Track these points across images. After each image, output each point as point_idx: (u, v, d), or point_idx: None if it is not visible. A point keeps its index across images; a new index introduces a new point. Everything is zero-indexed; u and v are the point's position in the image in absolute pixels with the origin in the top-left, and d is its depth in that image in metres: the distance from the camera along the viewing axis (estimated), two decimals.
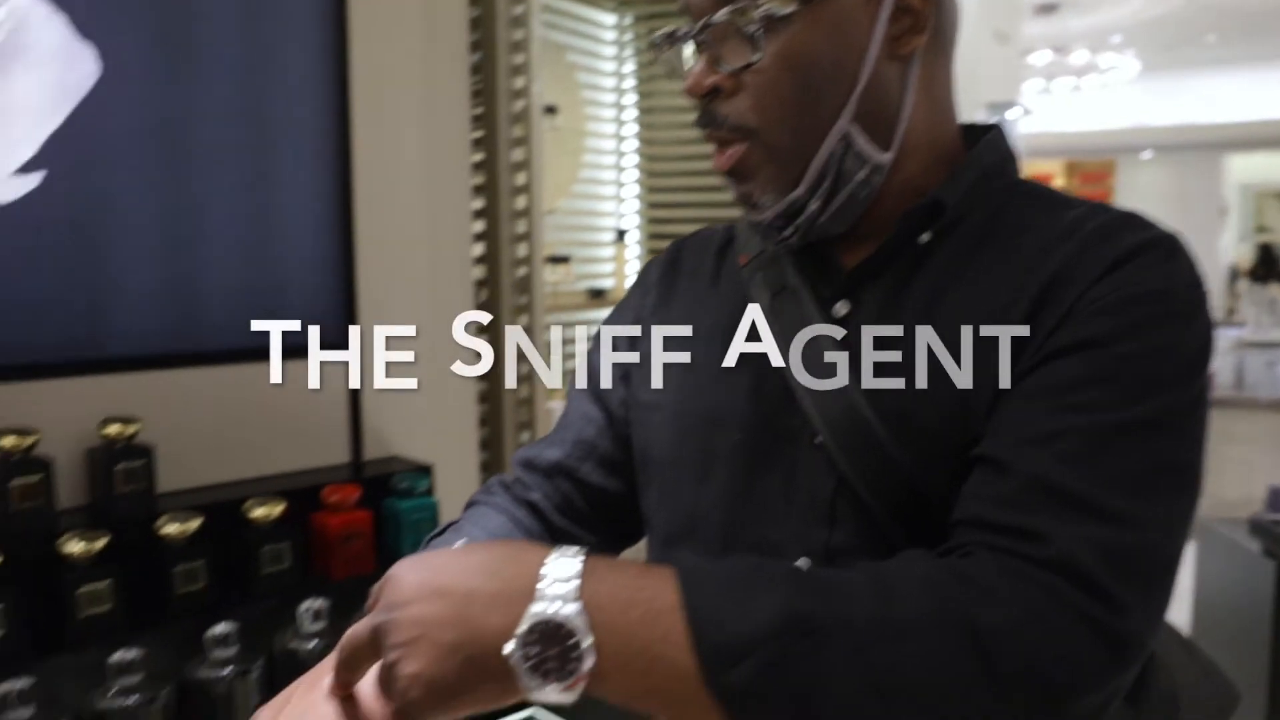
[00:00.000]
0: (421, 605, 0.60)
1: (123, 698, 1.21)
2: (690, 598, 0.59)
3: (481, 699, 0.60)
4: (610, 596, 0.59)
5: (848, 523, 0.76)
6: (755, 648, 0.57)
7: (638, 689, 0.59)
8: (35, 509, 1.32)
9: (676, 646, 0.58)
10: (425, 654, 0.59)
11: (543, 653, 0.58)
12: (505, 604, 0.59)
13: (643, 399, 0.92)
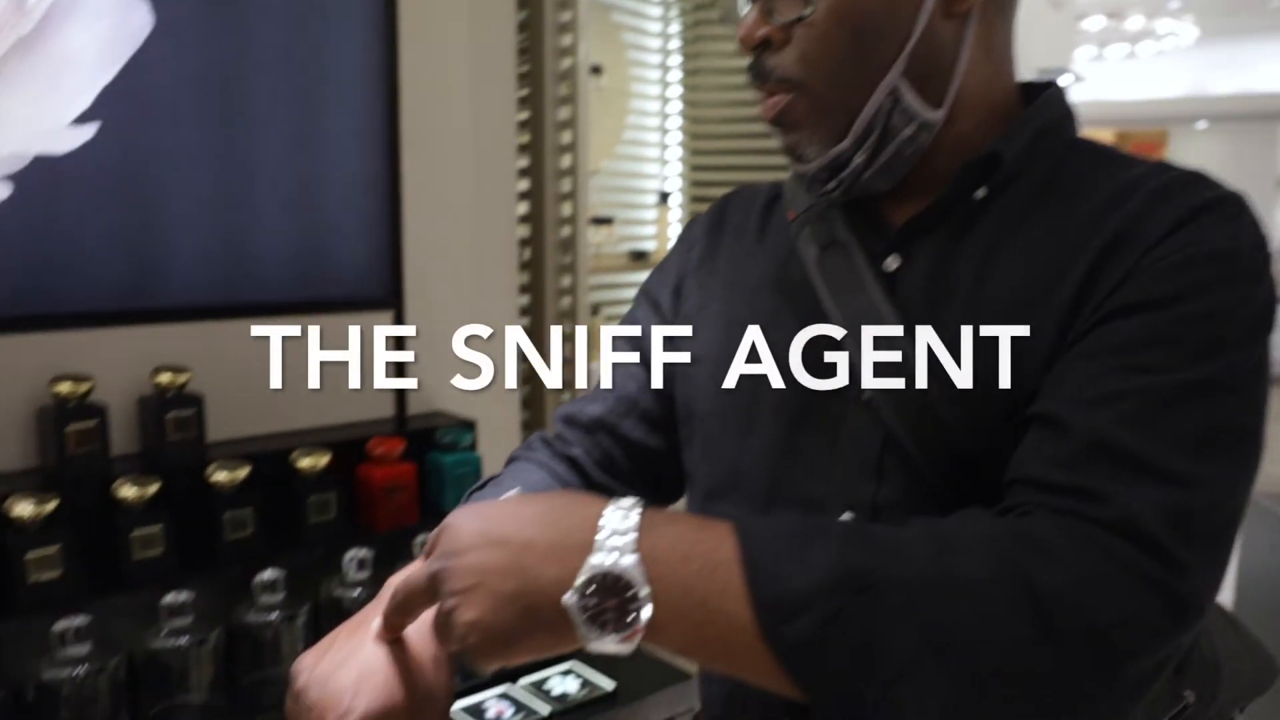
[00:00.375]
0: (479, 553, 0.61)
1: (174, 638, 1.24)
2: (748, 551, 0.59)
3: (537, 647, 0.61)
4: (668, 549, 0.60)
5: (894, 478, 0.76)
6: (813, 602, 0.57)
7: (694, 640, 0.60)
8: (90, 454, 1.35)
9: (734, 599, 0.58)
10: (482, 602, 0.60)
11: (601, 604, 0.59)
12: (563, 554, 0.60)
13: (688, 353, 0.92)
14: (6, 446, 1.38)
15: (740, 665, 0.60)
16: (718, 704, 0.91)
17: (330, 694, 0.67)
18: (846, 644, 0.57)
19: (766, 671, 0.59)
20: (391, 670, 0.68)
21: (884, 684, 0.57)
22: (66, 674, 1.15)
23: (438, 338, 1.82)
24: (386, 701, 0.66)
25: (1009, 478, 0.67)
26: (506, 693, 1.44)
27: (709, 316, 0.91)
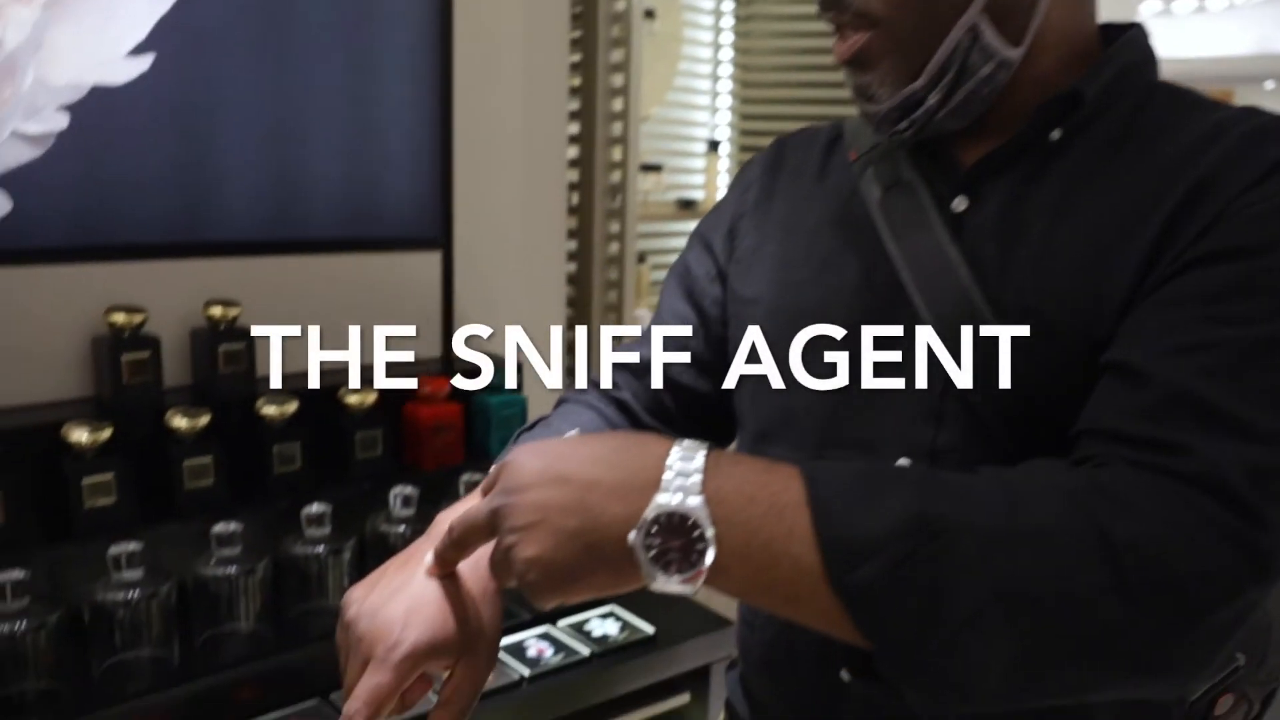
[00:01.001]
0: (542, 491, 0.61)
1: (223, 567, 1.26)
2: (816, 494, 0.58)
3: (597, 585, 0.61)
4: (734, 490, 0.59)
5: (954, 423, 0.74)
6: (881, 547, 0.56)
7: (758, 583, 0.59)
8: (143, 385, 1.37)
9: (800, 542, 0.58)
10: (545, 539, 0.60)
11: (665, 544, 0.58)
12: (627, 493, 0.60)
13: (742, 295, 0.91)
14: (63, 375, 1.40)
15: (802, 609, 0.59)
16: (756, 651, 0.91)
17: (380, 626, 0.67)
18: (914, 590, 0.56)
19: (829, 616, 0.58)
20: (442, 604, 0.68)
21: (951, 632, 0.56)
22: (121, 597, 1.18)
23: (485, 278, 1.83)
24: (436, 634, 0.67)
25: (1080, 428, 0.66)
26: (547, 633, 1.45)
27: (764, 258, 0.90)
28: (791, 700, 0.87)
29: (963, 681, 0.56)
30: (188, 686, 1.19)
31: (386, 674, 0.65)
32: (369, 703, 0.65)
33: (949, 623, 0.56)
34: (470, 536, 0.67)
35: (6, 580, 1.11)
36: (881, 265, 0.79)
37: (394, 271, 1.70)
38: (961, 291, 0.74)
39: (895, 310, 0.78)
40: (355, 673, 0.67)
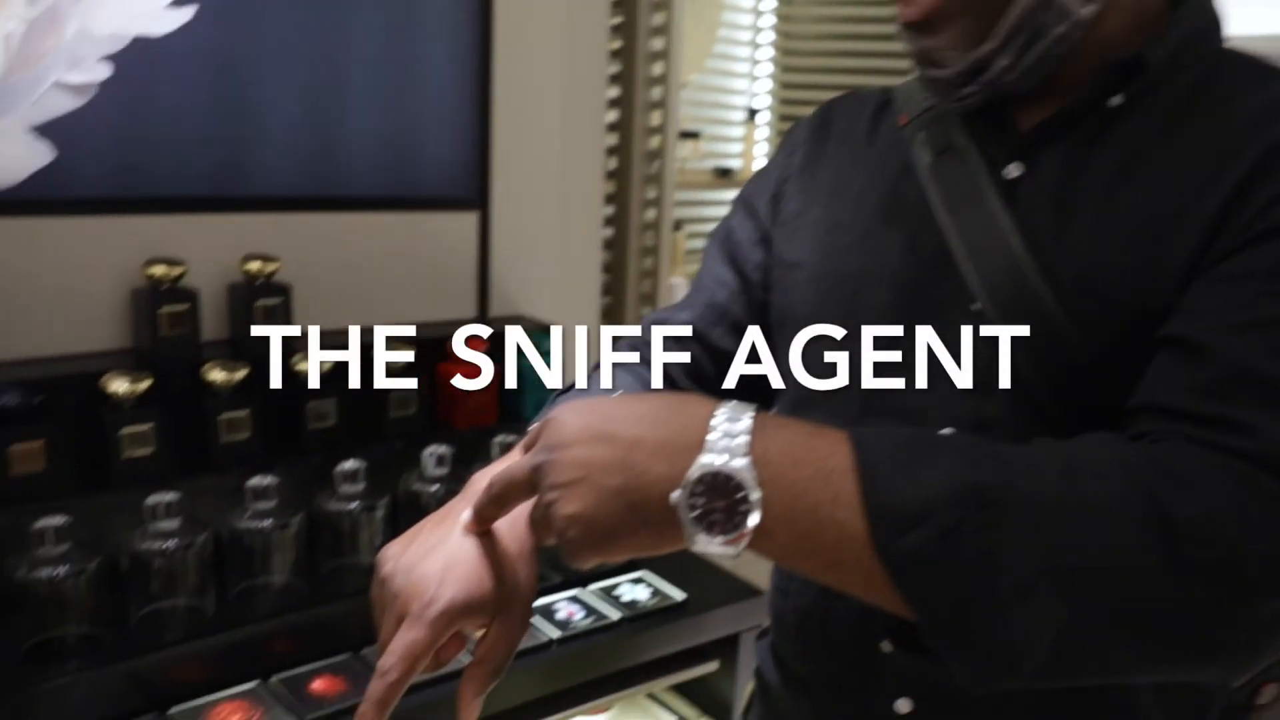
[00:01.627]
0: (584, 448, 0.60)
1: (258, 520, 1.27)
2: (864, 459, 0.57)
3: (638, 544, 0.61)
4: (781, 453, 0.58)
5: (1002, 394, 0.73)
6: (930, 515, 0.55)
7: (801, 548, 0.58)
8: (181, 337, 1.38)
9: (847, 508, 0.57)
10: (586, 496, 0.59)
11: (709, 504, 0.58)
12: (672, 453, 0.59)
13: (785, 259, 0.90)
14: (102, 326, 1.41)
15: (845, 575, 0.58)
16: (790, 619, 0.90)
17: (415, 582, 0.67)
18: (963, 561, 0.55)
19: (872, 584, 0.57)
20: (478, 561, 0.68)
21: (998, 605, 0.54)
22: (157, 546, 1.19)
23: (521, 240, 1.82)
24: (472, 592, 0.66)
25: (1137, 403, 0.64)
26: (577, 596, 1.45)
27: (809, 222, 0.88)
28: (826, 669, 0.86)
29: (1009, 655, 0.55)
30: (222, 636, 1.20)
31: (422, 630, 0.65)
32: (404, 658, 0.64)
33: (998, 595, 0.54)
34: (510, 492, 0.66)
35: (48, 526, 1.12)
36: (929, 232, 0.78)
37: (431, 231, 1.70)
38: (1013, 260, 0.72)
39: (942, 278, 0.77)
40: (390, 628, 0.67)
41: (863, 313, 0.81)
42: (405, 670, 0.64)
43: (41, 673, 1.09)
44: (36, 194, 1.32)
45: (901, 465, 0.57)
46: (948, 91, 0.77)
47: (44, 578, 1.11)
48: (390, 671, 0.64)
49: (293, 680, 1.21)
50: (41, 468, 1.21)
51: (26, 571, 1.11)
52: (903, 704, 0.79)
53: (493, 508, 0.67)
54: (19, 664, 1.11)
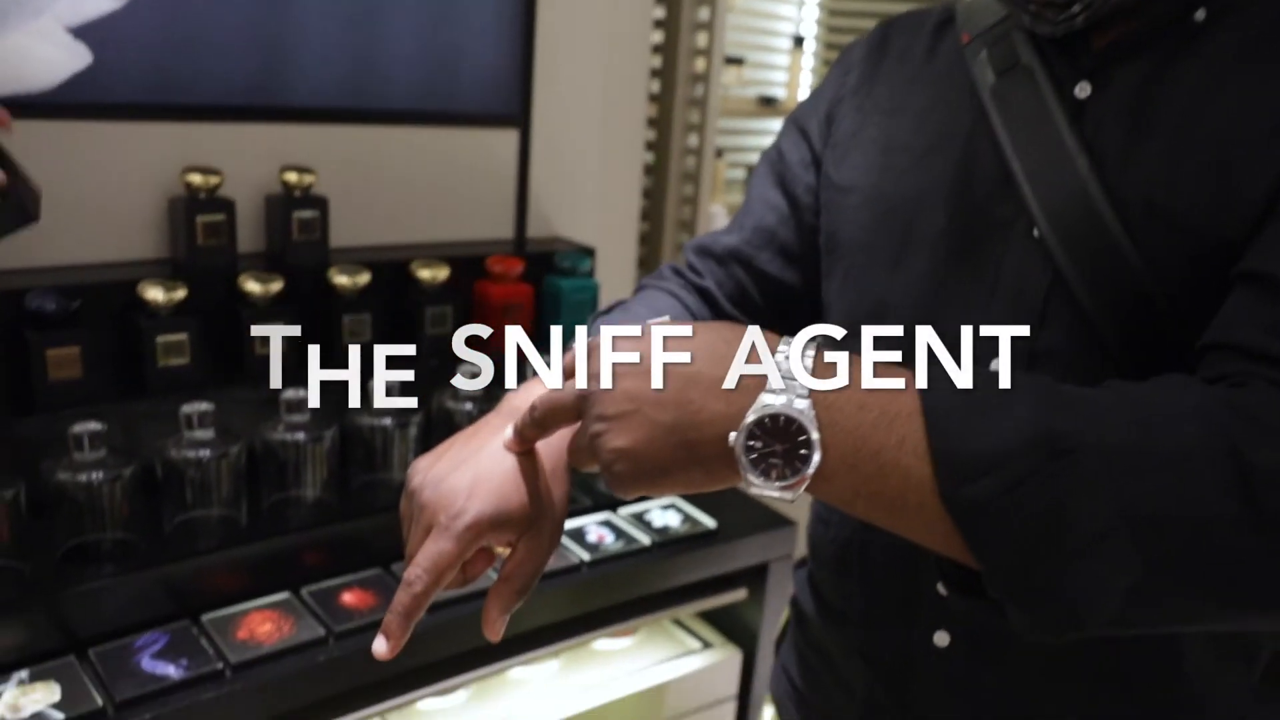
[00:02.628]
0: (636, 379, 0.58)
1: (292, 433, 1.27)
2: (931, 402, 0.55)
3: (687, 482, 0.59)
4: (844, 395, 0.56)
5: (1058, 324, 0.70)
6: (1001, 463, 0.52)
7: (862, 492, 0.56)
8: (218, 247, 1.37)
9: (912, 454, 0.54)
10: (637, 430, 0.57)
11: (768, 446, 0.55)
12: (730, 391, 0.56)
13: (837, 182, 0.87)
14: (139, 235, 1.40)
15: (907, 522, 0.56)
16: (830, 550, 0.89)
17: (444, 494, 0.66)
18: (1034, 510, 0.52)
19: (934, 531, 0.55)
20: (509, 477, 0.66)
21: (1068, 555, 0.52)
22: (192, 455, 1.19)
23: (561, 161, 1.79)
24: (501, 507, 0.65)
25: (1212, 340, 0.61)
26: (608, 520, 1.45)
27: (864, 143, 0.85)
28: (863, 601, 0.85)
29: (1077, 606, 0.53)
30: (255, 547, 1.21)
31: (449, 542, 0.64)
32: (429, 569, 0.63)
33: (1069, 546, 0.52)
34: (553, 418, 0.64)
35: (84, 431, 1.12)
36: (990, 153, 0.74)
37: (470, 147, 1.67)
38: (1077, 183, 0.69)
39: (1002, 201, 0.74)
40: (417, 540, 0.66)
41: (916, 238, 0.78)
42: (431, 582, 0.64)
43: (78, 575, 1.10)
44: (75, 98, 1.31)
45: (970, 410, 0.54)
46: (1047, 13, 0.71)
47: (81, 481, 1.12)
48: (415, 583, 0.64)
49: (323, 593, 1.22)
50: (78, 374, 1.22)
51: (64, 475, 1.12)
52: (940, 637, 0.78)
53: (534, 429, 0.66)
54: (56, 566, 1.12)
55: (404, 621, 0.64)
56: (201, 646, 1.10)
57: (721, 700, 1.54)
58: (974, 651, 0.77)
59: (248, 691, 1.07)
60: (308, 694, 1.12)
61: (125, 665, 1.06)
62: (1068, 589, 0.52)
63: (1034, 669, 0.76)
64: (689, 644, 1.56)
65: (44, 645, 1.07)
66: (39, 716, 0.97)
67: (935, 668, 0.79)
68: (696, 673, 1.49)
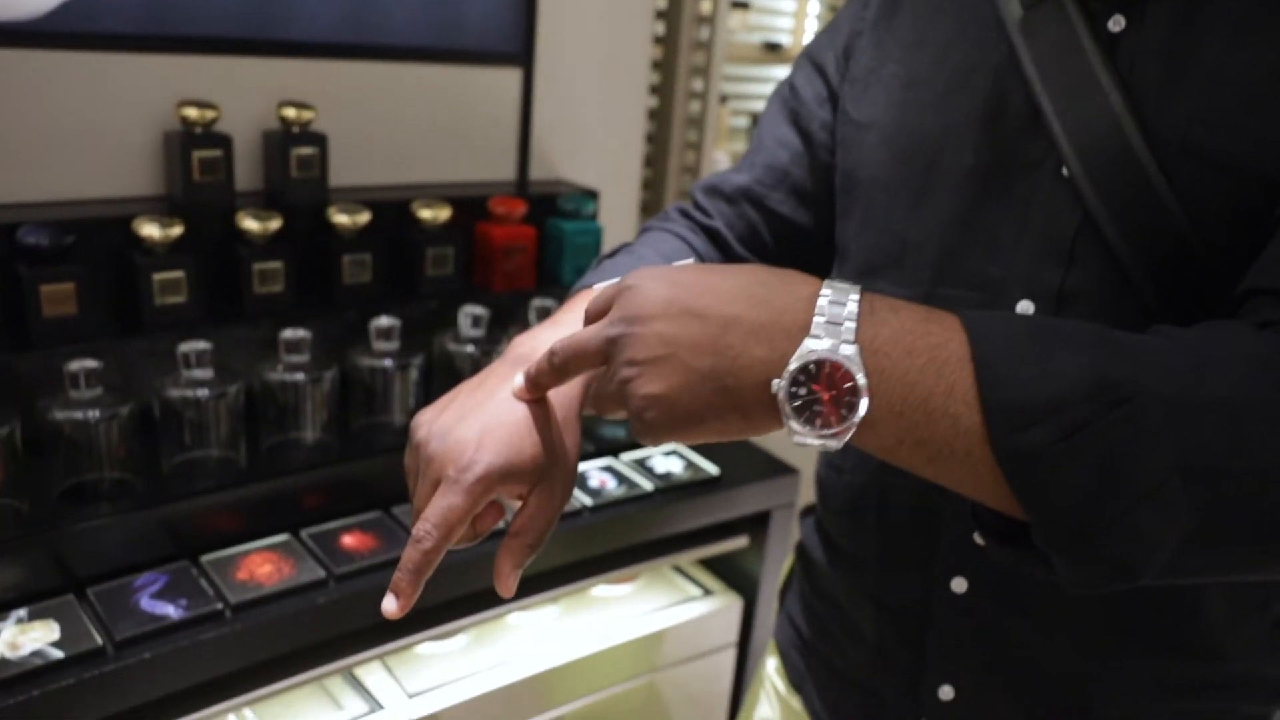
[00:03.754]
0: (671, 323, 0.56)
1: (291, 373, 1.25)
2: (980, 348, 0.53)
3: (722, 430, 0.57)
4: (890, 340, 0.54)
5: (1087, 266, 0.68)
6: (1055, 411, 0.50)
7: (906, 440, 0.54)
8: (215, 184, 1.34)
9: (962, 402, 0.52)
10: (671, 376, 0.55)
11: (812, 394, 0.53)
12: (773, 335, 0.54)
13: (855, 118, 0.84)
14: (134, 170, 1.37)
15: (951, 470, 0.54)
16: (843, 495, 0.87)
17: (451, 446, 0.63)
18: (1089, 459, 0.50)
19: (980, 480, 0.53)
20: (519, 427, 0.64)
21: (1125, 506, 0.50)
22: (190, 395, 1.17)
23: (565, 102, 1.75)
24: (511, 457, 0.63)
25: (1257, 285, 0.59)
26: (610, 465, 1.44)
27: (882, 79, 0.82)
28: (878, 547, 0.84)
29: (1130, 558, 0.51)
30: (255, 488, 1.20)
31: (458, 496, 0.62)
32: (439, 525, 0.61)
33: (1124, 496, 0.50)
34: (576, 363, 0.62)
35: (80, 369, 1.10)
36: (1017, 90, 0.72)
37: (472, 86, 1.63)
38: (1111, 120, 0.66)
39: (1031, 139, 0.71)
40: (425, 495, 0.64)
41: (940, 177, 0.76)
42: (441, 538, 0.62)
43: (76, 514, 1.08)
44: (64, 27, 1.27)
45: (1021, 357, 0.52)
46: None
47: (78, 419, 1.10)
48: (425, 539, 0.61)
49: (323, 535, 1.21)
50: (73, 311, 1.19)
51: (60, 413, 1.10)
52: (958, 583, 0.77)
53: (552, 376, 0.64)
54: (54, 505, 1.10)
55: (414, 579, 0.62)
56: (201, 587, 1.09)
57: (721, 648, 1.54)
58: (992, 597, 0.76)
59: (248, 632, 1.06)
60: (308, 635, 1.11)
61: (124, 605, 1.05)
62: (1120, 540, 0.51)
63: (1052, 616, 0.75)
64: (689, 591, 1.55)
65: (42, 584, 1.06)
66: (38, 654, 0.96)
67: (952, 613, 0.79)
68: (696, 620, 1.49)
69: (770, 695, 1.04)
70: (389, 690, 1.24)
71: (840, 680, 0.92)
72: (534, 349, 0.69)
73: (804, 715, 0.98)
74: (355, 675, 1.26)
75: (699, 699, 1.55)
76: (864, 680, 0.89)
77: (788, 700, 1.01)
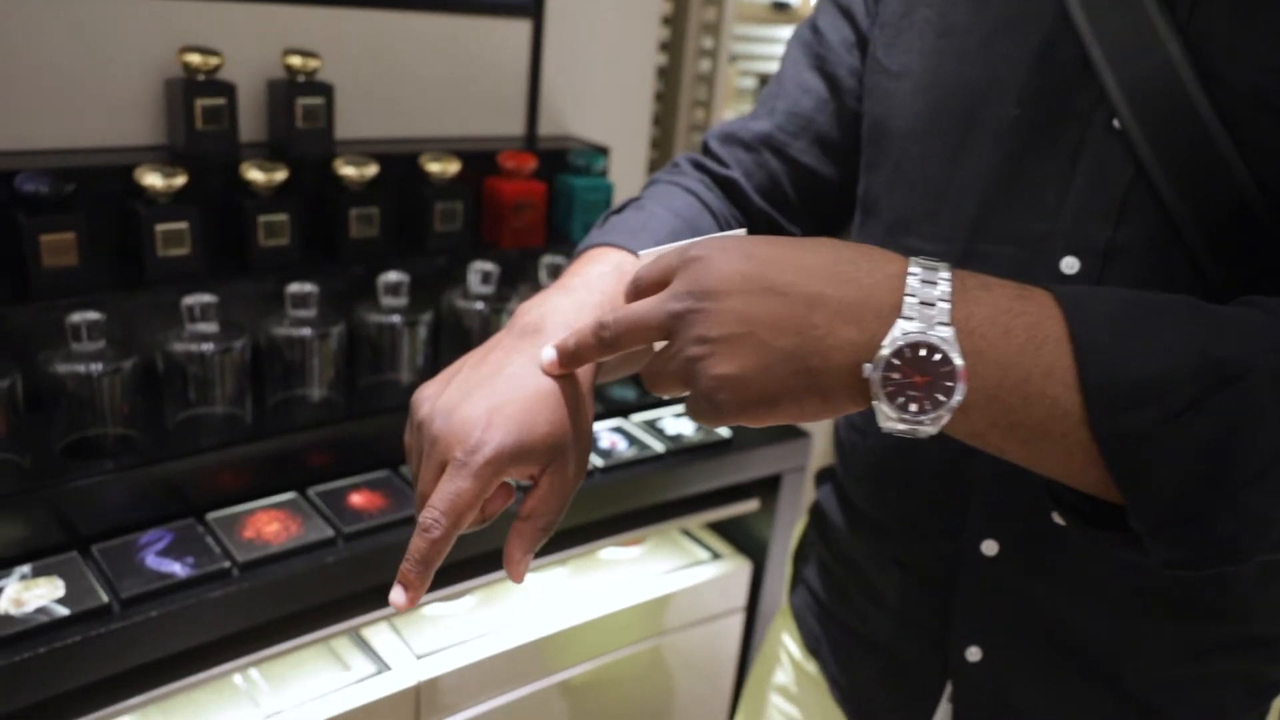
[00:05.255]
0: (748, 300, 0.53)
1: (297, 328, 1.22)
2: (1078, 328, 0.50)
3: (796, 414, 0.54)
4: (986, 320, 0.51)
5: (1138, 221, 0.65)
6: (1161, 391, 0.48)
7: (999, 424, 0.51)
8: (219, 133, 1.30)
9: (1060, 383, 0.50)
10: (748, 356, 0.52)
11: (906, 378, 0.51)
12: (862, 316, 0.51)
13: (886, 66, 0.80)
14: (135, 119, 1.33)
15: (1043, 454, 0.52)
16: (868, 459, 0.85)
17: (457, 426, 0.59)
18: (1198, 439, 0.48)
19: (1073, 462, 0.51)
20: (529, 402, 0.60)
21: (1231, 489, 0.48)
22: (195, 349, 1.14)
23: (574, 56, 1.71)
24: (522, 436, 0.59)
25: None
26: (621, 427, 1.41)
27: (917, 24, 0.79)
28: (905, 511, 0.82)
29: (1234, 540, 0.49)
30: (261, 445, 1.17)
31: (467, 480, 0.58)
32: (448, 512, 0.58)
33: (1233, 479, 0.48)
34: (631, 338, 0.58)
35: (83, 321, 1.07)
36: (1066, 37, 0.68)
37: (482, 37, 1.59)
38: (1167, 69, 0.63)
39: (1078, 90, 0.68)
40: (430, 478, 0.60)
41: (980, 128, 0.73)
42: (450, 526, 0.58)
43: (79, 470, 1.06)
44: None
45: (1121, 335, 0.50)
46: None
47: (80, 373, 1.07)
48: (433, 528, 0.58)
49: (330, 493, 1.18)
50: (74, 261, 1.16)
51: (61, 366, 1.07)
52: (989, 546, 0.75)
53: (599, 350, 0.60)
54: (55, 460, 1.08)
55: (423, 570, 0.59)
56: (207, 545, 1.07)
57: (730, 611, 1.53)
58: (1024, 561, 0.75)
59: (255, 591, 1.04)
60: (316, 594, 1.10)
61: (129, 562, 1.03)
62: (1229, 522, 0.49)
63: (1083, 579, 0.74)
64: (698, 554, 1.54)
65: (46, 540, 1.03)
66: (43, 611, 0.94)
67: (981, 577, 0.77)
68: (705, 583, 1.47)
69: (785, 662, 1.02)
70: (396, 651, 1.23)
71: (859, 644, 0.91)
72: (542, 317, 0.66)
73: (820, 680, 0.97)
74: (362, 636, 1.24)
75: (706, 663, 1.54)
76: (886, 643, 0.87)
77: (803, 665, 0.99)
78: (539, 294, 0.70)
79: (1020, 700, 0.79)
